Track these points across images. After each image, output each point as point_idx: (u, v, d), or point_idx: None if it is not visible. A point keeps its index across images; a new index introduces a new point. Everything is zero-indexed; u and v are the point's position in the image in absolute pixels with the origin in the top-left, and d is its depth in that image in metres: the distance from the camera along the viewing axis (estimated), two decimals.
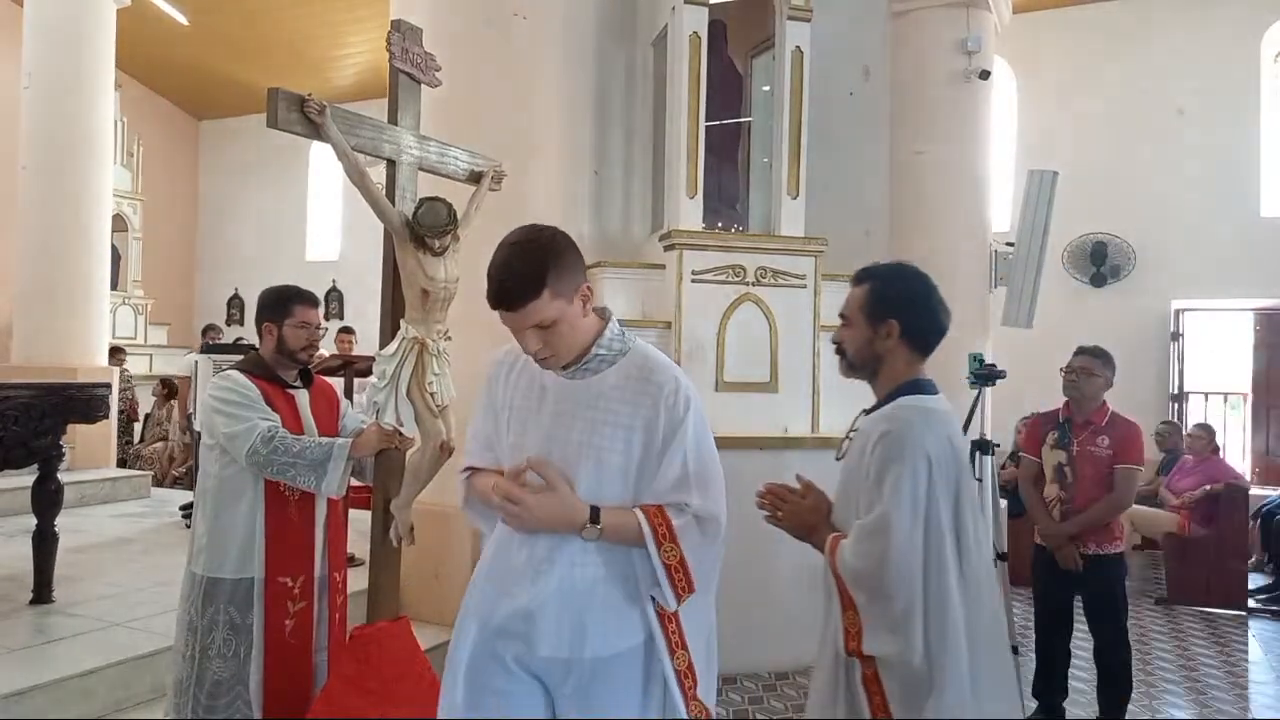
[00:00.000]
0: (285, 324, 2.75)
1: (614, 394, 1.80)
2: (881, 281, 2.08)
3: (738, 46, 5.78)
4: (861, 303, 2.07)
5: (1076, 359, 4.00)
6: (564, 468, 1.77)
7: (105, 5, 7.67)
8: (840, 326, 2.13)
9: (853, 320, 2.09)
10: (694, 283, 4.82)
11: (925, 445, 1.90)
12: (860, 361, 2.12)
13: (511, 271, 1.71)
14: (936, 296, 2.09)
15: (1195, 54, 8.97)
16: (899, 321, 2.03)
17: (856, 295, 2.09)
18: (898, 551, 1.80)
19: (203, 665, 2.61)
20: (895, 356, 2.07)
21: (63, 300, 7.37)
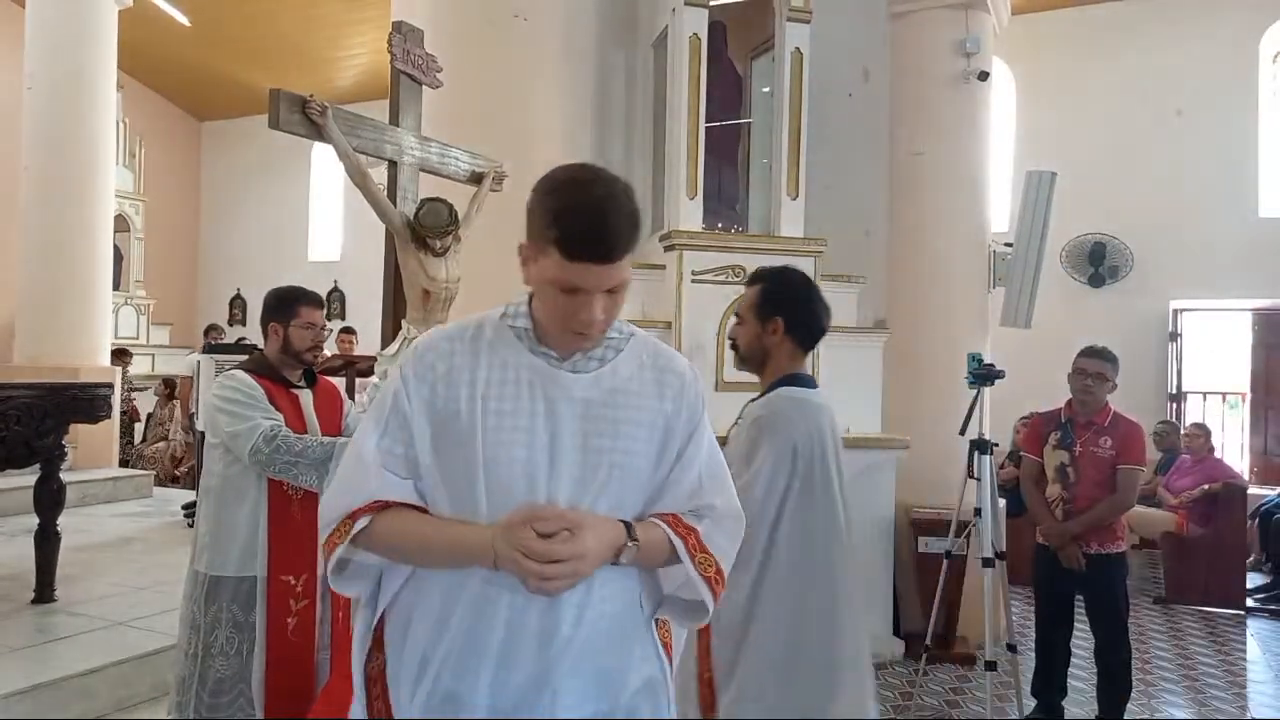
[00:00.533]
0: (291, 325, 2.77)
1: (632, 387, 1.46)
2: (769, 283, 2.29)
3: (738, 48, 5.80)
4: (752, 302, 2.29)
5: (1090, 363, 3.95)
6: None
7: (107, 6, 7.68)
8: (735, 324, 2.35)
9: (744, 318, 2.29)
10: (694, 283, 4.83)
11: (793, 432, 2.13)
12: (749, 355, 2.32)
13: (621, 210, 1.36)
14: (818, 297, 2.32)
15: (1194, 54, 8.98)
16: (783, 319, 2.24)
17: (749, 295, 2.31)
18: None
19: (205, 663, 2.62)
20: (780, 351, 2.28)
21: (65, 300, 7.39)
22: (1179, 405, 9.21)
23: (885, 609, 5.04)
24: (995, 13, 6.11)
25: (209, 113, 14.20)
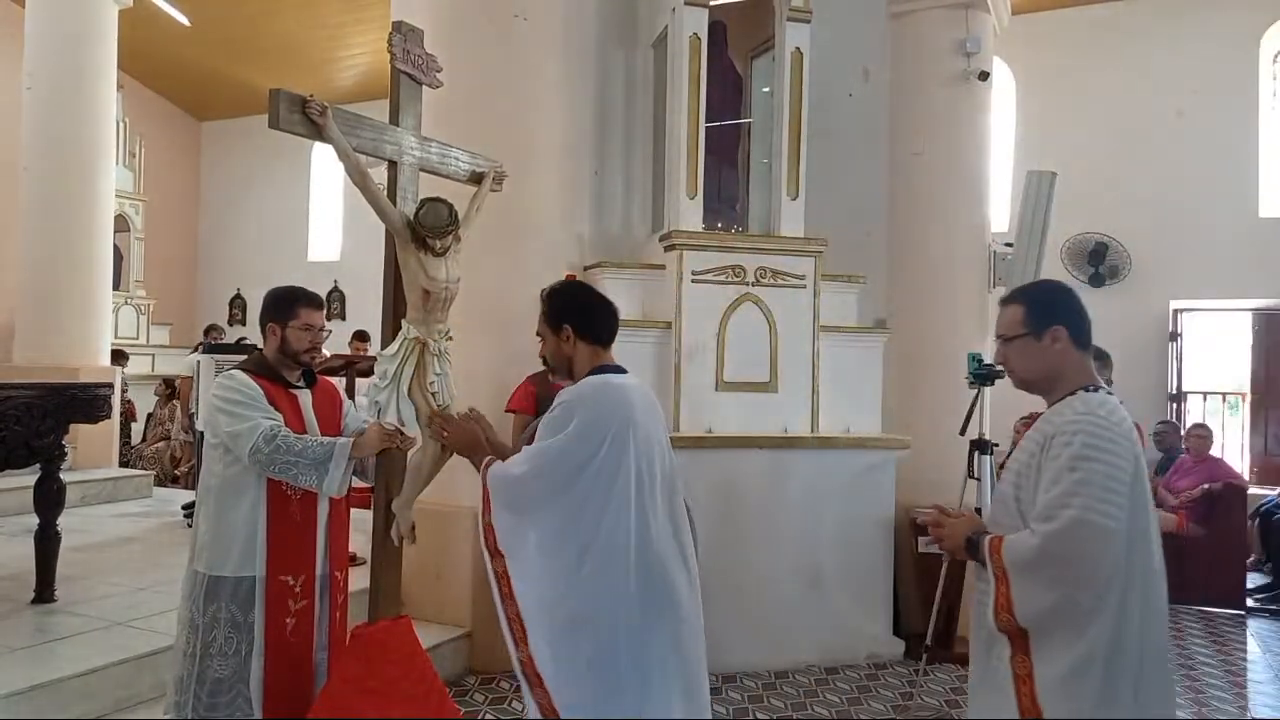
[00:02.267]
0: (289, 326, 2.77)
1: None
2: (552, 298, 2.61)
3: (738, 48, 5.80)
4: (542, 320, 2.60)
5: None
6: None
7: (107, 6, 7.69)
8: (541, 342, 2.63)
9: (543, 335, 2.60)
10: (694, 283, 4.83)
11: (589, 410, 2.39)
12: (557, 364, 2.60)
13: None
14: (596, 297, 2.61)
15: (1195, 54, 8.97)
16: (572, 326, 2.52)
17: (540, 317, 2.60)
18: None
19: (204, 664, 2.62)
20: (580, 353, 2.53)
21: (65, 300, 7.39)
22: (1179, 405, 9.20)
23: (885, 609, 5.04)
24: (995, 13, 6.11)
25: (209, 113, 14.20)
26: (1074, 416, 1.99)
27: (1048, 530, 1.88)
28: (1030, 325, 2.13)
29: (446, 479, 3.03)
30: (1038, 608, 1.91)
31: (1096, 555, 1.86)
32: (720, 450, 4.73)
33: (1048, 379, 2.14)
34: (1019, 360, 2.17)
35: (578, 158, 5.17)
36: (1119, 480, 1.90)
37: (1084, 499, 1.86)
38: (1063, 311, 2.13)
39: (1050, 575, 1.90)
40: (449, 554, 4.43)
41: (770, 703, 4.28)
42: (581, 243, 5.23)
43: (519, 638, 2.37)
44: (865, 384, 5.20)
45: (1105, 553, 1.87)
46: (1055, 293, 2.21)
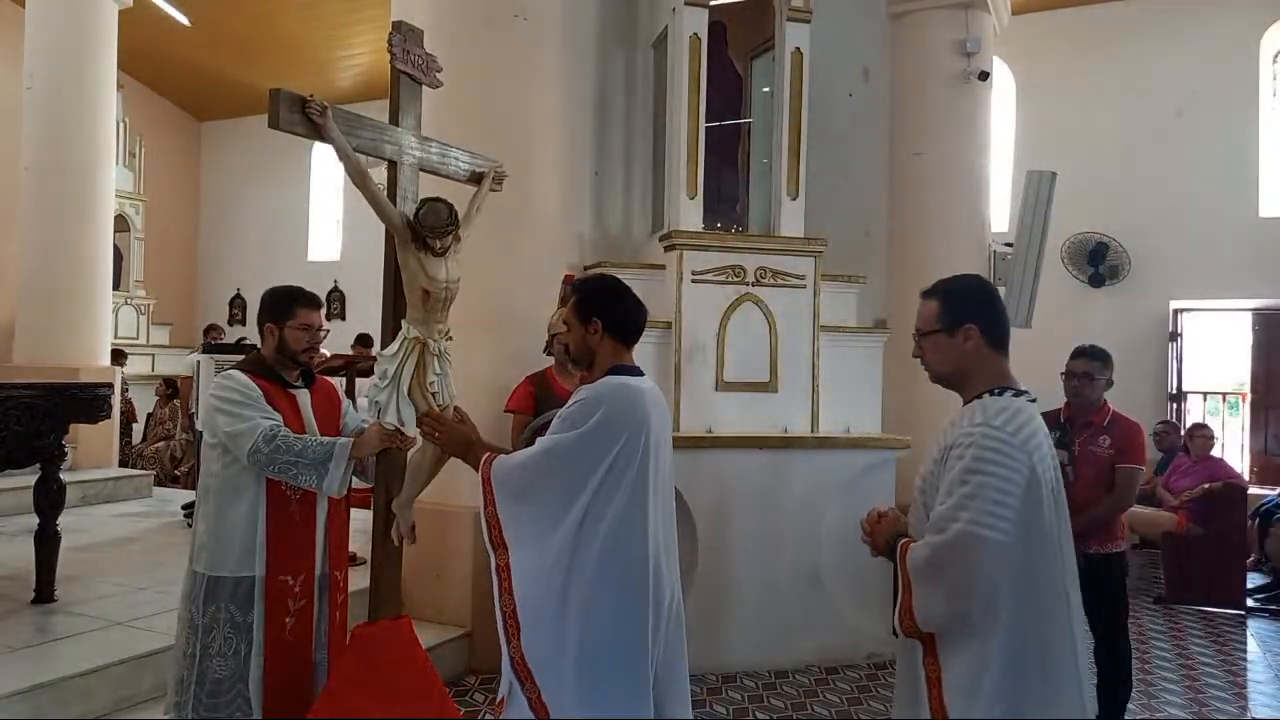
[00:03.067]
0: (287, 326, 2.77)
1: None
2: (583, 290, 2.61)
3: (738, 48, 5.80)
4: (572, 309, 2.58)
5: (1078, 363, 3.98)
6: None
7: (107, 6, 7.69)
8: (566, 331, 2.65)
9: (570, 324, 2.59)
10: (694, 283, 4.83)
11: (608, 410, 2.39)
12: (579, 356, 2.59)
13: None
14: (630, 297, 2.58)
15: (1195, 54, 8.98)
16: (602, 321, 2.51)
17: (570, 305, 2.59)
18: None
19: (203, 664, 2.62)
20: (604, 348, 2.53)
21: (65, 300, 7.39)
22: (1179, 405, 9.20)
23: (885, 609, 5.04)
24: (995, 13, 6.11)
25: (209, 113, 14.20)
26: (970, 428, 2.00)
27: (936, 542, 1.93)
28: (944, 321, 2.15)
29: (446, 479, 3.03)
30: (933, 614, 1.95)
31: (983, 567, 1.88)
32: (720, 450, 4.73)
33: (958, 376, 2.17)
34: (932, 355, 2.20)
35: (578, 158, 5.17)
36: (1009, 493, 1.90)
37: (971, 512, 1.88)
38: (976, 310, 2.14)
39: (941, 585, 1.94)
40: (449, 554, 4.43)
41: (770, 703, 4.27)
42: (581, 243, 5.23)
43: (511, 632, 2.38)
44: (865, 384, 5.20)
45: (992, 565, 1.88)
46: (972, 290, 2.22)
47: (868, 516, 2.25)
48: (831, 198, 5.53)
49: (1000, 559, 1.88)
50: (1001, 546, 1.87)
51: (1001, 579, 1.89)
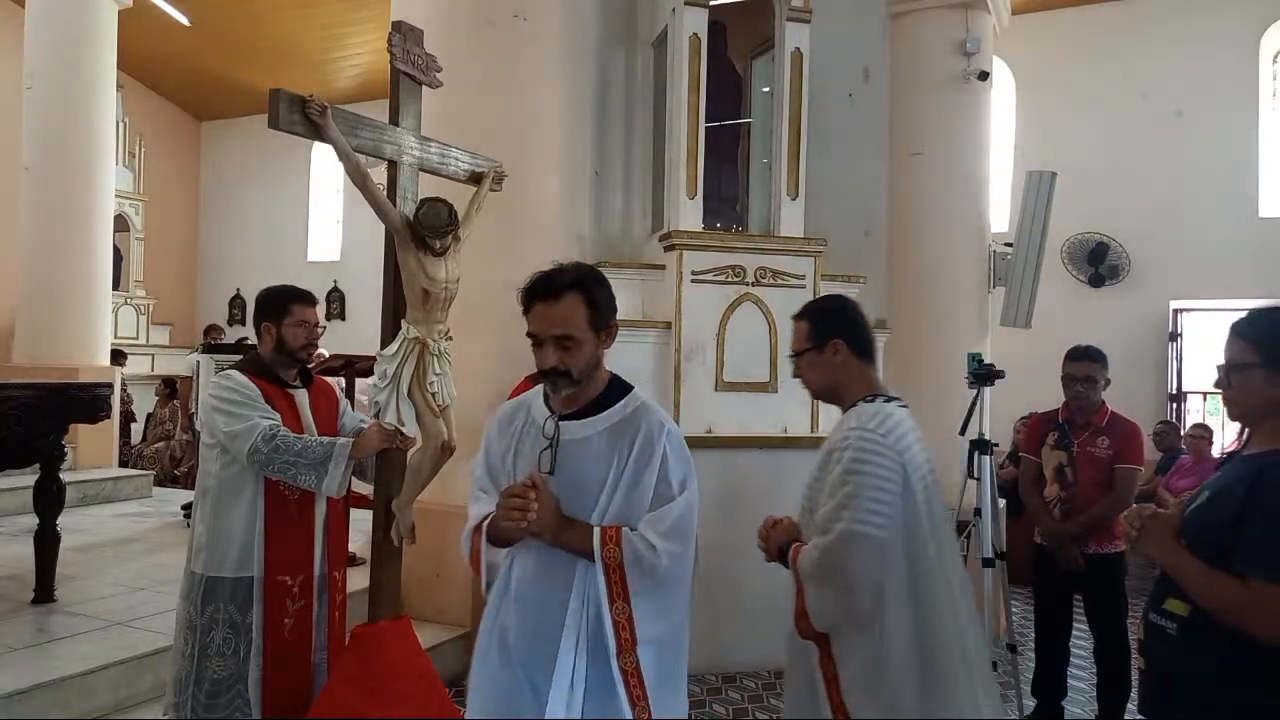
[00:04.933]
0: (284, 324, 2.77)
1: None
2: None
3: (737, 48, 5.79)
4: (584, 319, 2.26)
5: (1079, 366, 3.96)
6: None
7: (107, 6, 7.69)
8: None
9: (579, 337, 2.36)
10: (694, 283, 4.83)
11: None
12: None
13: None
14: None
15: (1195, 54, 8.97)
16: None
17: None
18: None
19: (202, 664, 2.62)
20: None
21: (65, 300, 7.39)
22: (1179, 405, 9.20)
23: None
24: (995, 13, 6.10)
25: (209, 113, 14.20)
26: (846, 432, 2.12)
27: (823, 543, 2.04)
28: (814, 340, 2.27)
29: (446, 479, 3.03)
30: (826, 614, 2.06)
31: (866, 563, 1.99)
32: (720, 450, 4.73)
33: (833, 389, 2.30)
34: (809, 373, 2.32)
35: (578, 158, 5.17)
36: (886, 490, 2.01)
37: (851, 511, 2.00)
38: (840, 324, 2.27)
39: (830, 584, 2.04)
40: (449, 554, 4.41)
41: (770, 703, 4.27)
42: (581, 243, 5.23)
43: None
44: None
45: (874, 559, 1.99)
46: (833, 308, 2.35)
47: (764, 522, 2.35)
48: (831, 198, 5.53)
49: (882, 554, 1.99)
50: (882, 542, 1.99)
51: (885, 574, 2.01)
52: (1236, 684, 1.70)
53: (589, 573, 1.85)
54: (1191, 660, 1.77)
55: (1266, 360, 1.80)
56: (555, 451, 1.90)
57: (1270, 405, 1.80)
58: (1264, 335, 1.83)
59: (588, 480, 1.90)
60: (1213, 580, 1.72)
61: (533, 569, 1.91)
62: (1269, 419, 1.81)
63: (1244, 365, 1.83)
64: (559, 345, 1.87)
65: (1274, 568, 1.64)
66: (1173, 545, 1.82)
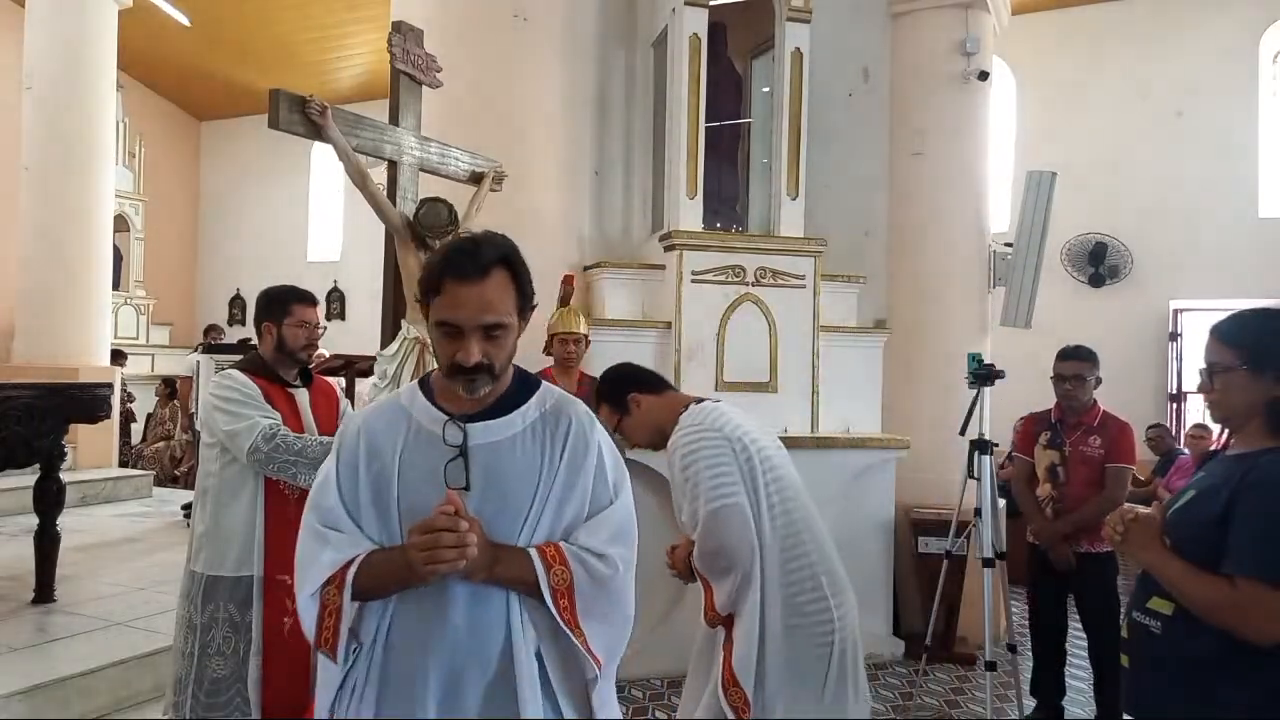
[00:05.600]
0: (284, 323, 2.77)
1: None
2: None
3: (737, 48, 5.79)
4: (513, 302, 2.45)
5: (1067, 365, 4.00)
6: None
7: (107, 6, 7.69)
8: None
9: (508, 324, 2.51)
10: (694, 283, 4.83)
11: None
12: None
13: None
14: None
15: (1195, 54, 8.97)
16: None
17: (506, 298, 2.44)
18: None
19: (202, 663, 2.62)
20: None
21: (65, 300, 7.39)
22: (1179, 405, 9.20)
23: (885, 609, 5.04)
24: (995, 13, 6.10)
25: (209, 113, 14.20)
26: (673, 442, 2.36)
27: (698, 535, 2.26)
28: (619, 410, 2.49)
29: None
30: (723, 596, 2.28)
31: (734, 530, 2.22)
32: None
33: (658, 431, 2.46)
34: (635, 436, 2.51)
35: (578, 158, 5.17)
36: (719, 463, 2.24)
37: (702, 493, 2.22)
38: (626, 385, 2.49)
39: (715, 567, 2.28)
40: None
41: None
42: (581, 243, 5.23)
43: None
44: (865, 384, 5.20)
45: (739, 523, 2.23)
46: (612, 380, 2.56)
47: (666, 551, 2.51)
48: (831, 198, 5.53)
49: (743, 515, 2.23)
50: (739, 505, 2.22)
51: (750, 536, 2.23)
52: (1220, 681, 1.72)
53: (522, 603, 1.51)
54: (1176, 658, 1.78)
55: (1249, 362, 1.81)
56: (467, 461, 1.52)
57: (1253, 407, 1.81)
58: (1246, 337, 1.84)
59: (511, 493, 1.53)
60: (1198, 581, 1.72)
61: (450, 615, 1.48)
62: (1252, 420, 1.82)
63: (1226, 368, 1.84)
64: (487, 335, 1.48)
65: (1261, 567, 1.65)
66: (1157, 547, 1.83)
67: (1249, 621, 1.65)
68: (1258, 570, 1.65)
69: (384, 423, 1.58)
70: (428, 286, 1.50)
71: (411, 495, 1.51)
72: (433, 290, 1.50)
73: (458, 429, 1.53)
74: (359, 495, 1.54)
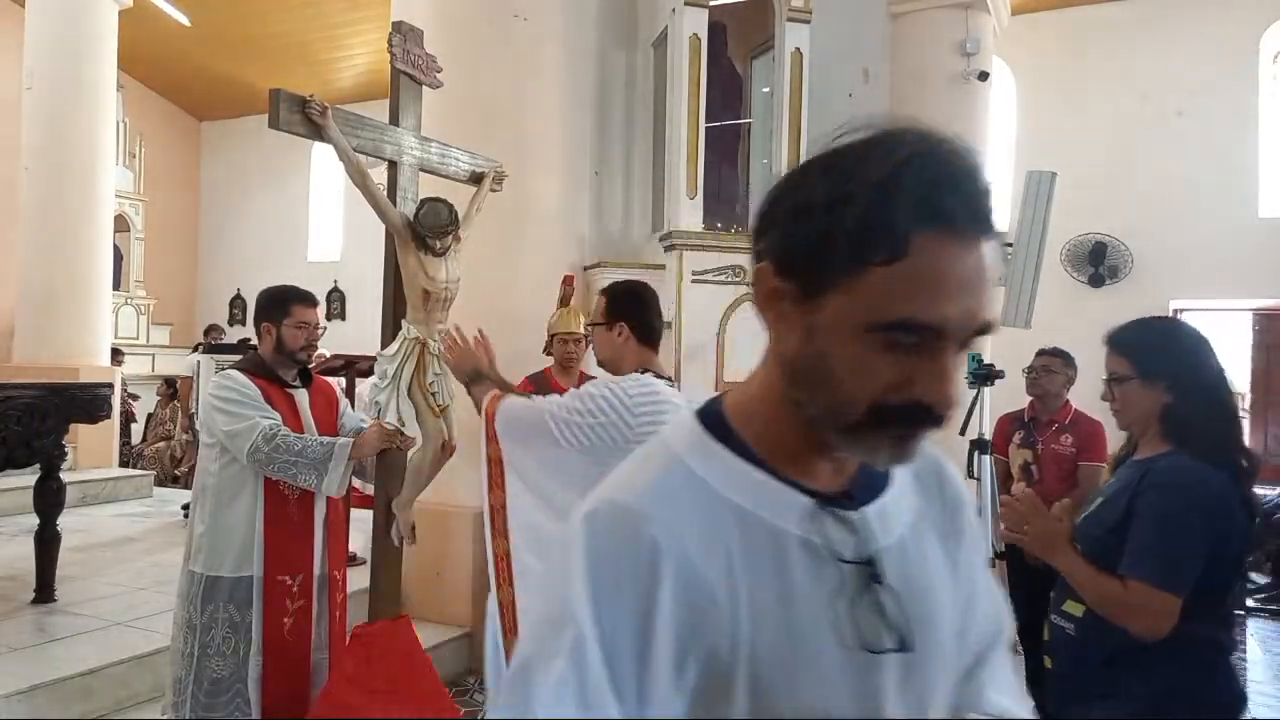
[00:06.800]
0: (283, 324, 2.77)
1: None
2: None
3: (737, 48, 5.80)
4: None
5: (1038, 359, 4.10)
6: None
7: (107, 6, 7.69)
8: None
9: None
10: (694, 283, 4.83)
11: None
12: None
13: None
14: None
15: (1195, 54, 8.97)
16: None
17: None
18: None
19: (201, 664, 2.62)
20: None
21: (65, 300, 7.39)
22: None
23: None
24: (995, 13, 6.10)
25: (209, 112, 14.20)
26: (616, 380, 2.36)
27: None
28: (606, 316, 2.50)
29: (446, 479, 3.03)
30: None
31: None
32: None
33: (613, 363, 2.49)
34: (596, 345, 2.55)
35: (578, 158, 5.17)
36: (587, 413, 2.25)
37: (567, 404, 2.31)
38: (629, 311, 2.49)
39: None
40: (449, 554, 4.43)
41: None
42: (581, 243, 5.23)
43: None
44: None
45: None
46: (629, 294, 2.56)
47: None
48: None
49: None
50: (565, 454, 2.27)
51: None
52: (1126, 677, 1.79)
53: None
54: (1088, 658, 1.85)
55: (1140, 372, 1.88)
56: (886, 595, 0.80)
57: (1149, 414, 1.88)
58: (1135, 348, 1.91)
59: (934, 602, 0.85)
60: (1097, 580, 1.80)
61: None
62: (1151, 426, 1.89)
63: (1122, 377, 1.91)
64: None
65: (1148, 569, 1.72)
66: (1062, 547, 1.88)
67: (1137, 620, 1.74)
68: (1146, 573, 1.72)
69: (697, 528, 0.76)
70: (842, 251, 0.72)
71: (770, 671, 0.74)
72: (857, 257, 0.72)
73: (848, 522, 0.80)
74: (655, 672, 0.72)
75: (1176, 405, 1.82)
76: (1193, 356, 1.86)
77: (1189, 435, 1.80)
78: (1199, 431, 1.79)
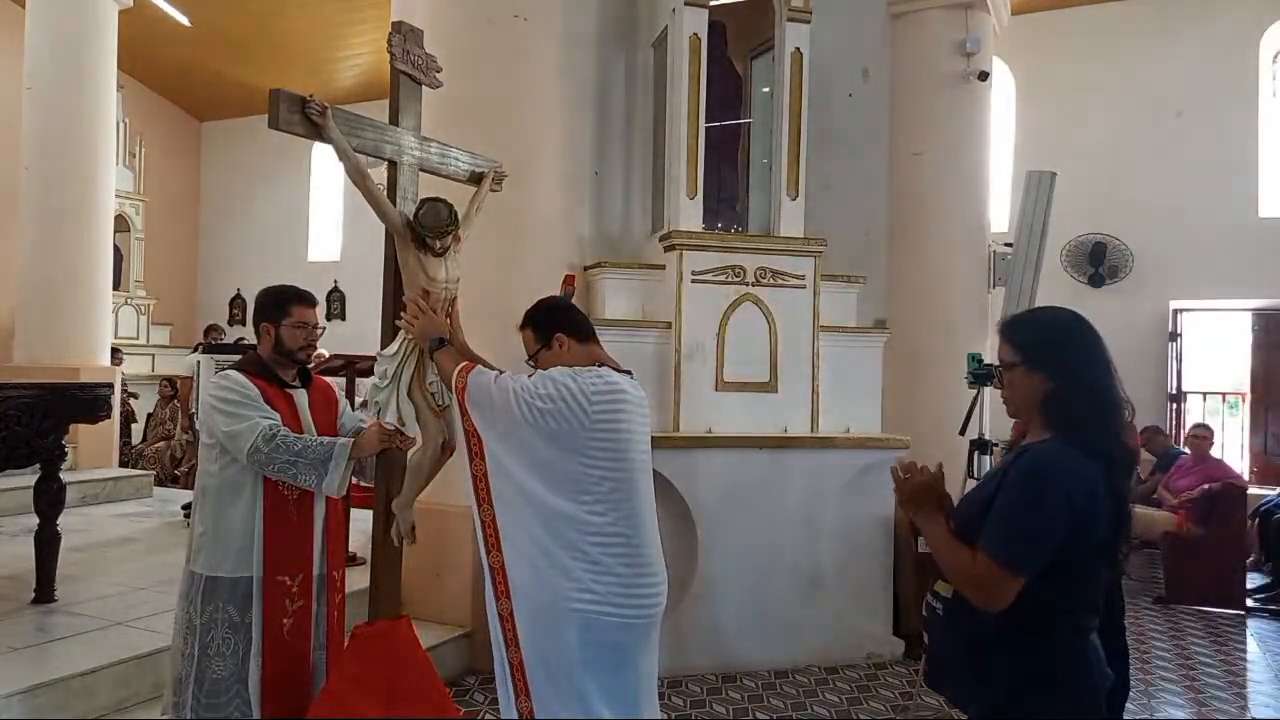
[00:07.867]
0: (283, 324, 2.76)
1: None
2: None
3: (737, 48, 5.79)
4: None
5: None
6: None
7: (107, 6, 7.69)
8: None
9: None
10: (694, 283, 4.83)
11: None
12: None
13: None
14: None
15: (1195, 54, 8.97)
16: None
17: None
18: None
19: (201, 664, 2.62)
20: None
21: (65, 300, 7.39)
22: (1179, 405, 9.20)
23: (885, 609, 5.04)
24: (995, 13, 6.11)
25: (209, 113, 14.20)
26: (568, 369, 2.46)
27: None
28: (540, 340, 2.59)
29: (446, 479, 3.03)
30: None
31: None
32: (720, 450, 4.73)
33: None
34: (547, 367, 2.55)
35: (578, 158, 5.17)
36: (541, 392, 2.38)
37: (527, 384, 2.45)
38: (557, 322, 2.59)
39: None
40: (449, 554, 4.43)
41: (770, 703, 4.27)
42: (581, 243, 5.23)
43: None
44: (865, 384, 5.19)
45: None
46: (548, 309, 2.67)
47: None
48: (831, 198, 5.53)
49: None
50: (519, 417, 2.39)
51: None
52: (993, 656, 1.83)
53: None
54: (957, 637, 1.90)
55: (1025, 360, 1.93)
56: None
57: (1032, 401, 1.93)
58: (1025, 336, 1.97)
59: None
60: (952, 550, 1.86)
61: None
62: (1034, 414, 1.94)
63: (1010, 365, 1.97)
64: None
65: (997, 547, 1.78)
66: (928, 510, 1.94)
67: (976, 592, 1.79)
68: (994, 550, 1.77)
69: None
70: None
71: None
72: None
73: None
74: None
75: (1056, 394, 1.87)
76: (1076, 348, 1.91)
77: (1065, 423, 1.85)
78: (1076, 421, 1.84)
